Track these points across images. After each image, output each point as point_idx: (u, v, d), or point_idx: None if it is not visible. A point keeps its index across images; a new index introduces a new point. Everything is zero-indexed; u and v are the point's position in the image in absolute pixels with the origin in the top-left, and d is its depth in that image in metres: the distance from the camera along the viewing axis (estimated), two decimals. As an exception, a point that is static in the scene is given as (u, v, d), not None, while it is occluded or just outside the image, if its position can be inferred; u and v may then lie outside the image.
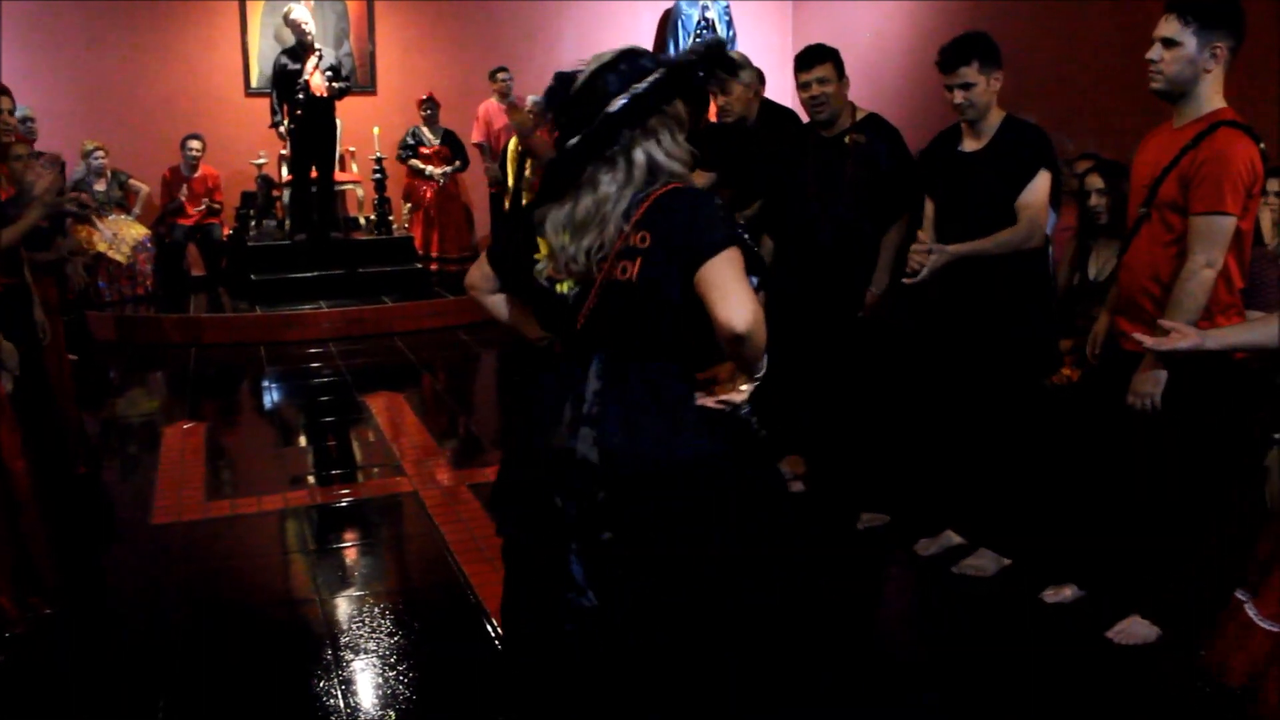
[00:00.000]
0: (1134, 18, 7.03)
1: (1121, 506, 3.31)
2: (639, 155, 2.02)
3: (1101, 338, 3.44)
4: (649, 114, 2.02)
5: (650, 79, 2.02)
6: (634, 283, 1.99)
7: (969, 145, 3.67)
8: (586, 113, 2.01)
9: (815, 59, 4.08)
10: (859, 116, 4.17)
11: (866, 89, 9.26)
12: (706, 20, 10.61)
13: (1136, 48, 7.17)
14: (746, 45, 10.59)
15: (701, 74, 2.06)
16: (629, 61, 2.03)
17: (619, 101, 1.99)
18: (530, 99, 8.59)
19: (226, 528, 4.33)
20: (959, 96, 3.59)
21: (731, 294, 1.90)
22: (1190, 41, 2.97)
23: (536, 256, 2.11)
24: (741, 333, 1.88)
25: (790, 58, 4.44)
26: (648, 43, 10.83)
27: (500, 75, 9.39)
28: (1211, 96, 3.03)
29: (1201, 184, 2.92)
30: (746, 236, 2.02)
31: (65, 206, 4.47)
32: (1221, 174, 2.90)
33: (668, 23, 10.73)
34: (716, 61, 2.08)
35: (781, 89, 9.23)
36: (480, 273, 2.25)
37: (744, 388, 2.14)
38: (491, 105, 9.56)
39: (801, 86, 4.10)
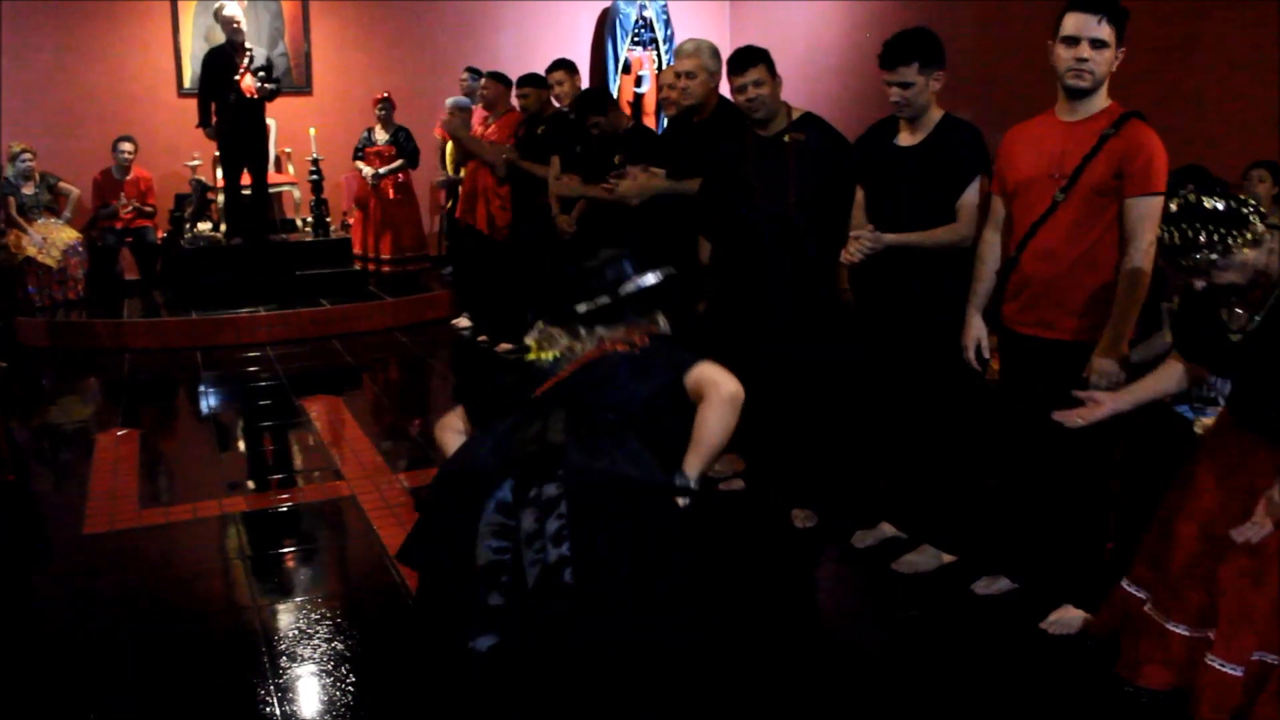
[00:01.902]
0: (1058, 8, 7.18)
1: (1046, 496, 3.38)
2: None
3: (985, 340, 3.49)
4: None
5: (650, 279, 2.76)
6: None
7: (904, 139, 3.71)
8: (597, 287, 2.73)
9: (748, 61, 4.08)
10: (795, 115, 4.19)
11: (802, 88, 9.34)
12: (644, 19, 10.63)
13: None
14: (684, 44, 10.63)
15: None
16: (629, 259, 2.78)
17: (630, 288, 2.73)
18: (449, 101, 8.57)
19: (161, 536, 4.27)
20: (896, 94, 3.62)
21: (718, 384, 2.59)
22: (1113, 42, 3.10)
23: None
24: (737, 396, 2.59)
25: (727, 55, 4.46)
26: (585, 41, 10.82)
27: (463, 76, 9.35)
28: (1105, 91, 3.18)
29: (1142, 168, 3.03)
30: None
31: None
32: (1154, 158, 3.04)
33: (605, 22, 10.73)
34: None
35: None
36: (453, 433, 2.79)
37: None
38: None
39: (737, 90, 4.10)
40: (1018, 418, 3.37)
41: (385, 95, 9.25)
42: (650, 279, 2.75)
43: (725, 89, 4.46)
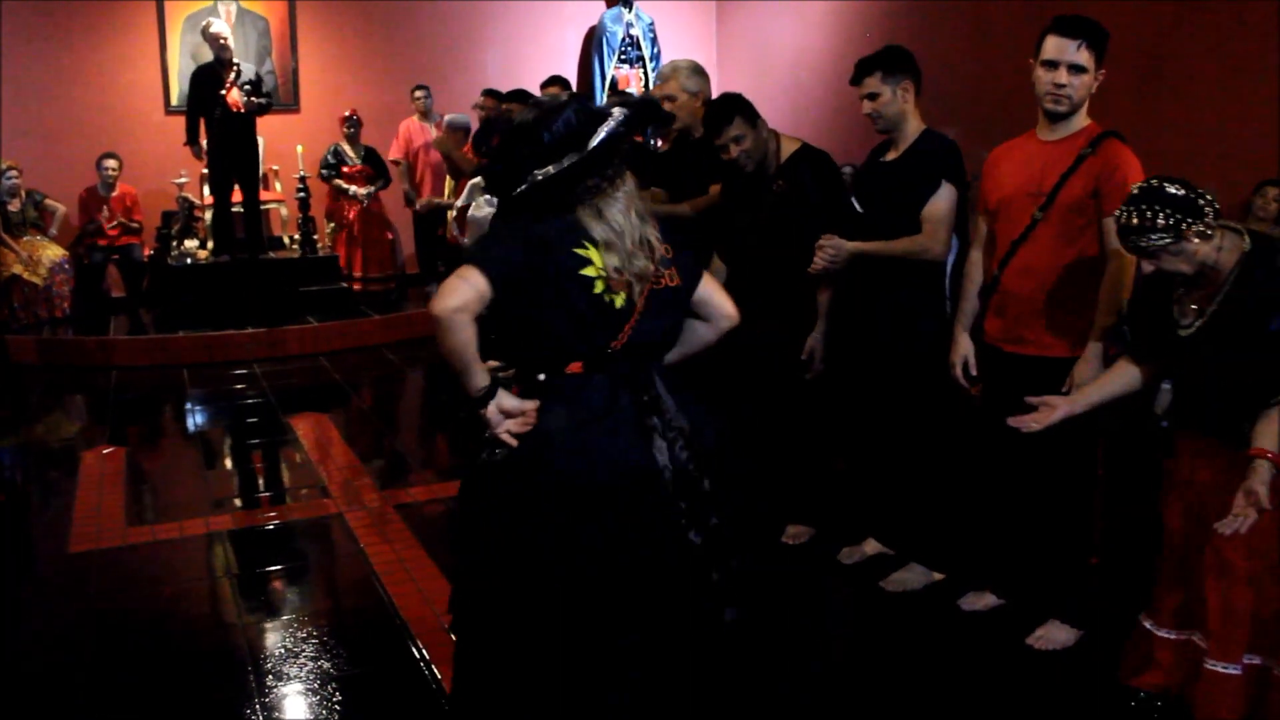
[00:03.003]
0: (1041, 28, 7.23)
1: (1030, 511, 3.40)
2: (630, 183, 2.30)
3: (973, 358, 3.49)
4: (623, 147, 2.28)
5: (621, 118, 2.26)
6: (679, 286, 2.33)
7: (889, 155, 3.76)
8: (567, 143, 2.20)
9: (722, 119, 3.95)
10: (785, 155, 4.06)
11: (790, 98, 9.41)
12: (631, 37, 10.67)
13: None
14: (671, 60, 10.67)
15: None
16: (580, 102, 2.27)
17: (601, 134, 2.21)
18: (446, 118, 8.59)
19: (147, 554, 4.26)
20: (867, 107, 3.67)
21: (725, 293, 2.44)
22: (1091, 67, 3.14)
23: (588, 272, 2.20)
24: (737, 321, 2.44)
25: (714, 76, 4.46)
26: (573, 60, 10.87)
27: (417, 94, 9.40)
28: (1085, 111, 3.22)
29: (1118, 187, 3.04)
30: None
31: None
32: (1130, 176, 3.05)
33: (592, 40, 10.78)
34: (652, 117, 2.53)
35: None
36: (475, 293, 2.13)
37: None
38: (412, 123, 9.54)
39: (719, 149, 4.02)
40: (1001, 434, 3.39)
41: (353, 112, 9.27)
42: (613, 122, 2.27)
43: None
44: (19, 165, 8.65)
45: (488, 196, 5.76)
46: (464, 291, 2.13)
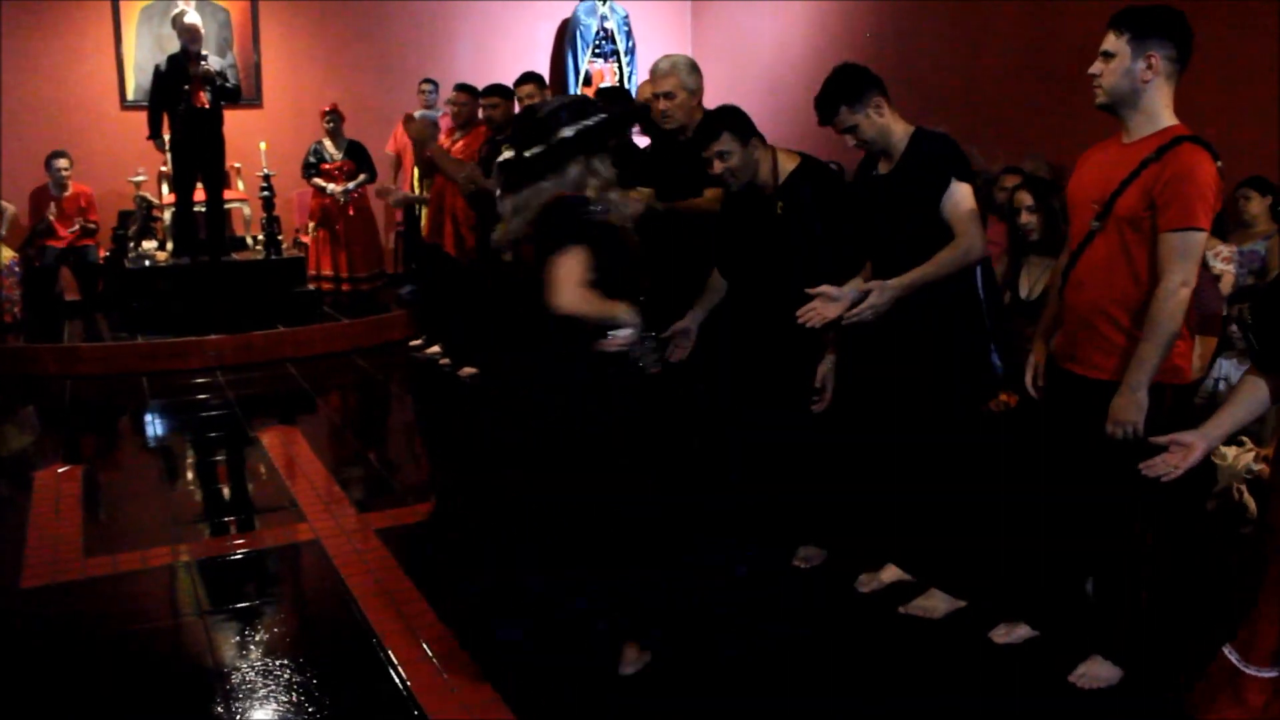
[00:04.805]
0: (1041, 25, 7.04)
1: (1072, 540, 3.17)
2: (574, 170, 3.06)
3: (1043, 367, 3.28)
4: (594, 143, 3.07)
5: (597, 119, 3.08)
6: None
7: (883, 167, 3.52)
8: (541, 135, 3.04)
9: (708, 135, 3.73)
10: (786, 169, 3.81)
11: (768, 95, 9.17)
12: (605, 30, 10.40)
13: (1042, 58, 7.21)
14: (646, 54, 10.42)
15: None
16: (580, 103, 3.13)
17: (567, 131, 3.02)
18: (419, 112, 8.28)
19: (109, 589, 3.92)
20: (850, 142, 3.49)
21: (557, 283, 2.92)
22: (1125, 51, 2.89)
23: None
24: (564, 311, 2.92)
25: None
26: (544, 52, 10.57)
27: (424, 87, 9.06)
28: (1161, 110, 2.94)
29: (1173, 200, 2.79)
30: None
31: None
32: (1191, 189, 2.79)
33: (565, 33, 10.48)
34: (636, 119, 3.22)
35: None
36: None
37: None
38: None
39: (706, 162, 3.80)
40: (1050, 453, 3.16)
41: (333, 107, 8.93)
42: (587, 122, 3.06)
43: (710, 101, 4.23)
44: (-34, 163, 8.24)
45: None
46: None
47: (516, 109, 6.34)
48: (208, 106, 7.82)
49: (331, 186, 8.90)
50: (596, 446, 3.02)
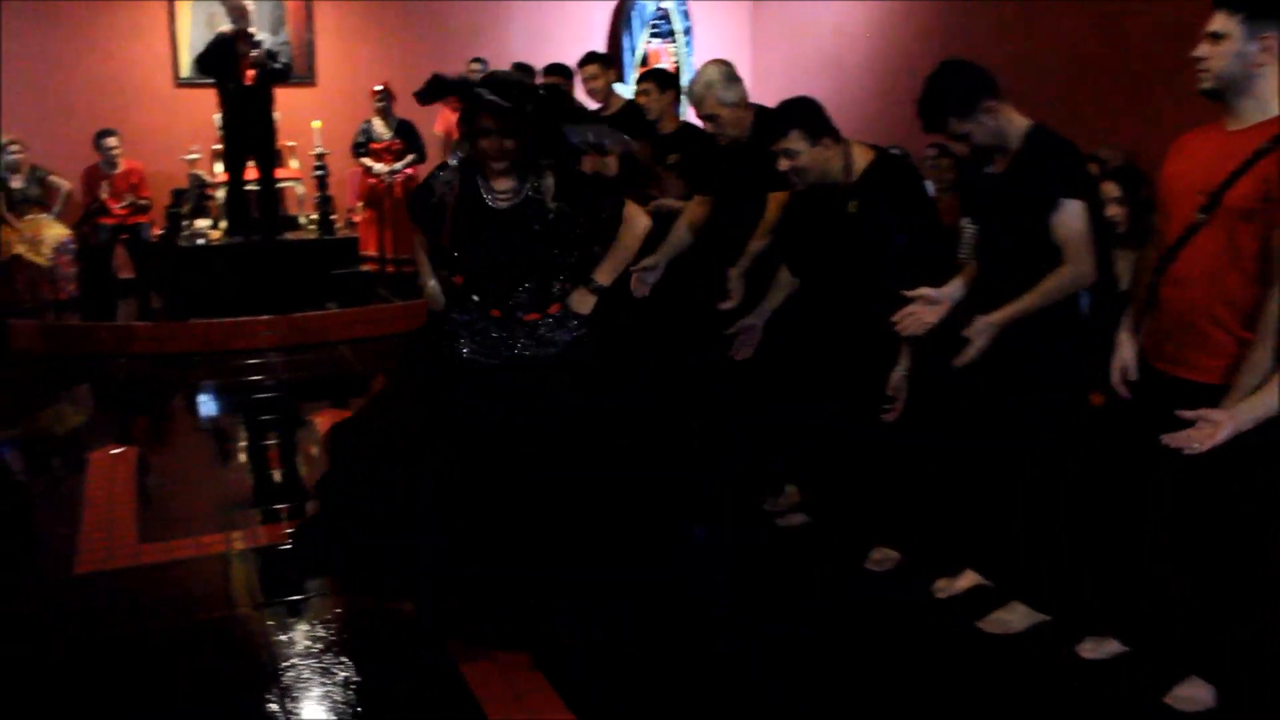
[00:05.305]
0: (1111, 7, 6.78)
1: (1166, 547, 2.98)
2: None
3: (1133, 366, 3.08)
4: None
5: None
6: None
7: (997, 164, 3.28)
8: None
9: (777, 130, 3.56)
10: (860, 165, 3.65)
11: (830, 85, 8.95)
12: (662, 10, 10.20)
13: (1112, 39, 6.92)
14: (704, 40, 10.25)
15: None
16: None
17: None
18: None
19: (162, 576, 3.84)
20: (962, 148, 3.29)
21: None
22: (1237, 33, 2.68)
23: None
24: None
25: (749, 52, 4.12)
26: (600, 32, 10.41)
27: (474, 65, 8.93)
28: (1272, 97, 2.72)
29: None
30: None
31: None
32: None
33: (622, 12, 10.31)
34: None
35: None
36: None
37: None
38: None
39: (769, 160, 3.65)
40: (1143, 456, 2.98)
41: (384, 86, 8.81)
42: None
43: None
44: (22, 140, 8.21)
45: None
46: None
47: (578, 89, 6.20)
48: (255, 84, 7.75)
49: (378, 166, 8.80)
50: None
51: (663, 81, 5.25)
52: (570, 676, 3.09)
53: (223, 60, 7.69)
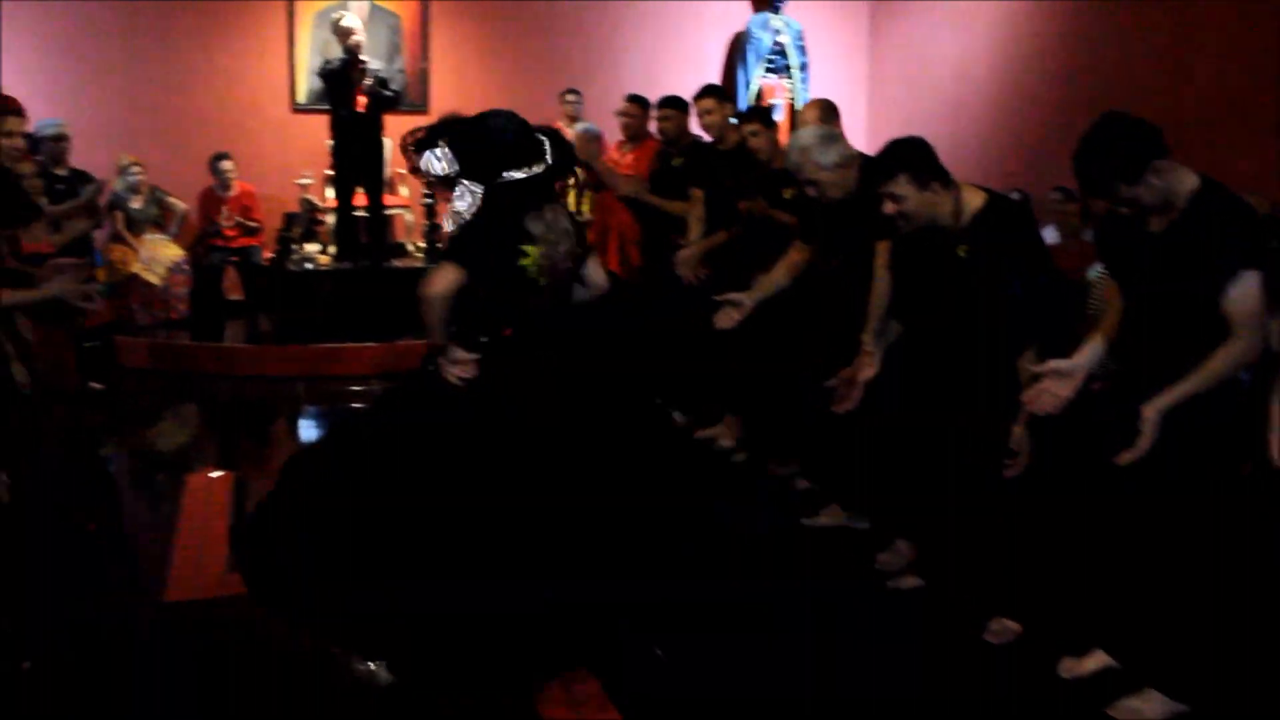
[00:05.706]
0: (1261, 44, 6.42)
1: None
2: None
3: None
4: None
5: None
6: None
7: (1155, 222, 2.97)
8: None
9: (883, 172, 3.41)
10: (970, 209, 3.45)
11: (949, 114, 8.69)
12: (779, 45, 10.03)
13: (1258, 69, 6.55)
14: (820, 72, 10.06)
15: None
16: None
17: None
18: (579, 126, 8.08)
19: (248, 609, 3.74)
20: (1126, 211, 2.97)
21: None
22: None
23: (524, 261, 3.35)
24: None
25: (865, 89, 3.97)
26: (715, 65, 10.29)
27: (569, 98, 8.89)
28: None
29: None
30: None
31: (80, 303, 3.87)
32: None
33: (737, 46, 10.18)
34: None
35: (856, 123, 8.65)
36: (453, 281, 3.23)
37: None
38: (560, 129, 9.02)
39: (874, 204, 3.50)
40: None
41: None
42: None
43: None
44: (142, 161, 8.38)
45: None
46: (444, 277, 3.24)
47: (693, 123, 6.06)
48: (367, 111, 7.78)
49: (477, 195, 8.77)
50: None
51: (722, 97, 5.72)
52: None
53: (336, 87, 7.75)
